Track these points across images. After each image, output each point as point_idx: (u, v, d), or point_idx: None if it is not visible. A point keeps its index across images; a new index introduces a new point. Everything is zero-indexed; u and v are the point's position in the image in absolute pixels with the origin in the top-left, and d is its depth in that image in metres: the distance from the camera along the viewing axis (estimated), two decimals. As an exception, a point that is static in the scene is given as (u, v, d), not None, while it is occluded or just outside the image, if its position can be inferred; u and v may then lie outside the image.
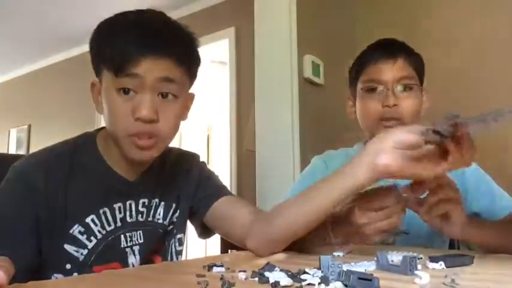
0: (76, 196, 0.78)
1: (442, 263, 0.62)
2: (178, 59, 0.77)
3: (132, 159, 0.80)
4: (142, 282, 0.56)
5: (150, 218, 0.87)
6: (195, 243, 3.69)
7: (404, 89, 1.10)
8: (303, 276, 0.51)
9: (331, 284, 0.47)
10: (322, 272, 0.52)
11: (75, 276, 0.73)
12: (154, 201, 0.88)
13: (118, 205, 0.83)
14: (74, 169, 0.80)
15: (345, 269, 0.50)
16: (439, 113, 0.66)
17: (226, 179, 2.96)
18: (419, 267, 0.57)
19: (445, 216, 0.78)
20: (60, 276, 0.76)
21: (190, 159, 0.98)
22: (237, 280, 0.53)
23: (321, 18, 2.19)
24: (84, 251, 0.78)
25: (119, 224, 0.82)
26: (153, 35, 0.76)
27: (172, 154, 0.95)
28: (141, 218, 0.86)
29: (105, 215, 0.81)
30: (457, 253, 0.77)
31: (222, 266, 0.62)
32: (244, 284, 0.52)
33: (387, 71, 1.10)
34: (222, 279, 0.53)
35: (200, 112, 3.87)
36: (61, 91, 4.57)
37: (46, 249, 0.76)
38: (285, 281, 0.49)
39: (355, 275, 0.47)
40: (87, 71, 0.82)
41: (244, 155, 2.90)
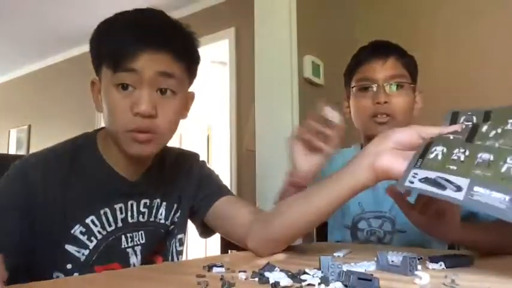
0: (76, 196, 0.78)
1: (442, 263, 0.62)
2: (177, 54, 0.77)
3: (131, 155, 0.79)
4: (143, 283, 0.56)
5: (152, 218, 0.87)
6: (195, 243, 3.69)
7: (396, 87, 1.12)
8: (303, 277, 0.51)
9: (331, 284, 0.47)
10: (322, 272, 0.52)
11: (76, 277, 0.73)
12: (156, 202, 0.88)
13: (119, 205, 0.83)
14: (73, 169, 0.80)
15: (345, 269, 0.50)
16: (439, 113, 0.66)
17: (226, 179, 2.96)
18: (419, 267, 0.57)
19: (439, 215, 0.76)
20: (61, 275, 0.76)
21: (190, 159, 0.98)
22: (237, 280, 0.53)
23: (321, 18, 2.19)
24: (86, 251, 0.78)
25: (119, 224, 0.82)
26: (151, 30, 0.76)
27: (172, 154, 0.95)
28: (142, 218, 0.86)
29: (106, 216, 0.81)
30: (457, 253, 0.77)
31: (222, 266, 0.61)
32: (244, 284, 0.52)
33: (379, 69, 1.13)
34: (222, 279, 0.53)
35: (200, 112, 3.87)
36: (61, 91, 4.57)
37: (47, 249, 0.76)
38: (285, 281, 0.49)
39: (355, 275, 0.47)
40: (87, 71, 0.82)
41: (244, 155, 2.90)
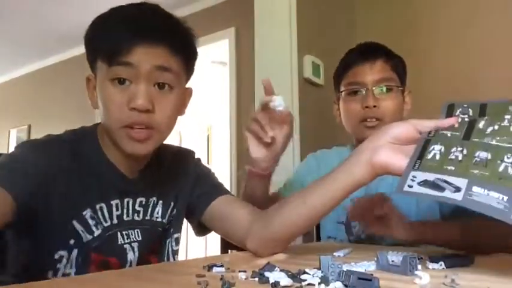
0: (76, 185, 0.76)
1: (442, 263, 0.62)
2: (174, 48, 0.76)
3: (127, 153, 0.77)
4: (142, 282, 0.56)
5: (147, 216, 0.86)
6: (195, 243, 3.70)
7: (385, 90, 1.12)
8: (303, 277, 0.51)
9: (331, 284, 0.47)
10: (322, 272, 0.52)
11: (75, 277, 0.73)
12: (152, 200, 0.87)
13: (115, 202, 0.81)
14: (75, 158, 0.78)
15: (345, 269, 0.50)
16: (439, 113, 0.66)
17: (226, 178, 2.96)
18: (419, 267, 0.57)
19: (382, 219, 0.89)
20: (63, 253, 0.75)
21: (186, 157, 0.98)
22: (237, 280, 0.53)
23: (321, 18, 2.19)
24: (89, 236, 0.77)
25: (115, 221, 0.81)
26: (147, 24, 0.75)
27: (169, 152, 0.94)
28: (137, 217, 0.85)
29: (102, 211, 0.79)
30: (457, 253, 0.77)
31: (222, 266, 0.61)
32: (244, 284, 0.52)
33: (366, 73, 1.13)
34: (222, 279, 0.53)
35: (200, 112, 3.87)
36: (61, 91, 4.57)
37: (51, 224, 0.73)
38: (285, 281, 0.49)
39: (355, 275, 0.47)
40: (87, 71, 0.81)
41: (244, 155, 2.90)
